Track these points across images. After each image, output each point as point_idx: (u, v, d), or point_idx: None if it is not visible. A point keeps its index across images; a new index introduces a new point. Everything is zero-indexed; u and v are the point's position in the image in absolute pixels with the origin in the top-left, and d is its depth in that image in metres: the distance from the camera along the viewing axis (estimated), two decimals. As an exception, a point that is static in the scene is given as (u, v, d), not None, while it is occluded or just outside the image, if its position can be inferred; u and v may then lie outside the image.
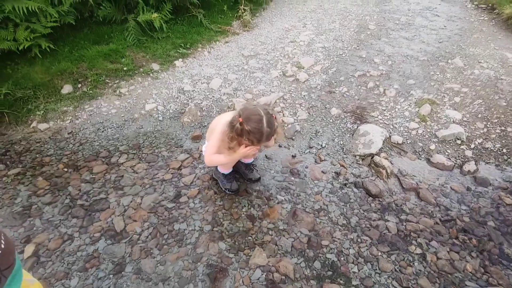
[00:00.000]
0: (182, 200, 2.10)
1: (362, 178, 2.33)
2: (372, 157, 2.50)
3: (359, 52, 3.95)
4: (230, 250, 1.81)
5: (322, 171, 2.37)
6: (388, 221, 2.02)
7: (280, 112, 2.96)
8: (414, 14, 5.15)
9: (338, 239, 1.90)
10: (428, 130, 2.77)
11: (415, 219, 2.04)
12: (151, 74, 3.35)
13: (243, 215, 2.02)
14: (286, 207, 2.09)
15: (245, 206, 2.08)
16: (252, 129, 1.59)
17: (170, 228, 1.92)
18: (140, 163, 2.39)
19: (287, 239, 1.89)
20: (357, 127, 2.80)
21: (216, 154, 1.81)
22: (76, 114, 2.83)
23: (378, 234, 1.94)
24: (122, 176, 2.26)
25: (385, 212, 2.09)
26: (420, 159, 2.52)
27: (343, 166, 2.43)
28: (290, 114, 2.94)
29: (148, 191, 2.16)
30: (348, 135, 2.73)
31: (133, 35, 3.48)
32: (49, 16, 2.86)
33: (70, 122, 2.76)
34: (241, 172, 2.28)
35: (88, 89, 3.02)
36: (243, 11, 4.54)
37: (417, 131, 2.75)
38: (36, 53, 2.92)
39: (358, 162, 2.48)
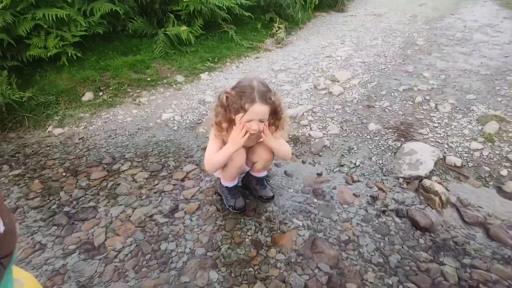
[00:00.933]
0: (177, 215, 1.76)
1: (407, 206, 1.81)
2: (420, 181, 1.97)
3: (405, 67, 3.48)
4: (223, 283, 1.39)
5: (353, 194, 1.90)
6: (444, 264, 1.47)
7: (307, 125, 2.58)
8: (472, 31, 4.58)
9: (371, 282, 1.39)
10: (497, 152, 2.17)
11: (484, 266, 1.46)
12: (174, 85, 3.22)
13: (247, 239, 1.61)
14: (303, 235, 1.64)
15: (251, 229, 1.67)
16: (240, 89, 1.35)
17: (156, 248, 1.57)
18: (142, 171, 2.13)
19: (299, 275, 1.43)
20: (401, 144, 2.30)
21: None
22: (92, 121, 2.72)
23: (430, 282, 1.39)
24: (119, 184, 2.01)
25: (440, 251, 1.53)
26: (488, 187, 1.93)
27: (381, 189, 1.94)
28: (319, 128, 2.53)
29: (143, 202, 1.87)
30: (389, 153, 2.24)
31: (161, 48, 3.43)
32: (80, 25, 2.90)
33: (84, 128, 2.65)
34: (252, 188, 1.90)
35: (108, 97, 2.94)
36: (277, 29, 4.38)
37: (481, 153, 2.17)
38: (64, 61, 2.94)
39: (401, 186, 1.96)
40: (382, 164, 2.15)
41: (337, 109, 2.78)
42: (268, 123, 1.53)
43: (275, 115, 1.53)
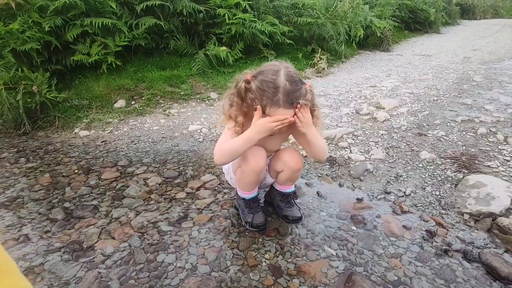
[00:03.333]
0: (184, 225, 1.48)
1: (478, 248, 1.37)
2: (493, 219, 1.53)
3: (462, 100, 3.10)
4: (225, 314, 1.05)
5: (403, 226, 1.50)
6: (544, 334, 1.00)
7: (346, 148, 2.26)
8: (539, 72, 4.11)
9: None
10: None
11: None
12: (206, 101, 3.12)
13: (264, 263, 1.27)
14: (337, 267, 1.26)
15: (270, 251, 1.34)
16: (260, 82, 1.08)
17: (152, 258, 1.28)
18: (156, 176, 1.92)
19: (329, 319, 1.04)
20: (464, 176, 1.88)
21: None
22: (118, 126, 2.64)
23: None
24: (129, 186, 1.80)
25: (535, 315, 1.07)
26: None
27: (441, 224, 1.52)
28: (361, 152, 2.20)
29: (150, 207, 1.62)
30: (449, 185, 1.83)
31: (199, 66, 3.42)
32: (124, 36, 2.98)
33: (109, 132, 2.57)
34: (275, 205, 1.58)
35: (139, 106, 2.89)
36: (318, 59, 4.27)
37: None
38: (104, 68, 2.99)
39: (467, 223, 1.53)
40: (439, 196, 1.74)
41: (381, 134, 2.44)
42: None
43: None
